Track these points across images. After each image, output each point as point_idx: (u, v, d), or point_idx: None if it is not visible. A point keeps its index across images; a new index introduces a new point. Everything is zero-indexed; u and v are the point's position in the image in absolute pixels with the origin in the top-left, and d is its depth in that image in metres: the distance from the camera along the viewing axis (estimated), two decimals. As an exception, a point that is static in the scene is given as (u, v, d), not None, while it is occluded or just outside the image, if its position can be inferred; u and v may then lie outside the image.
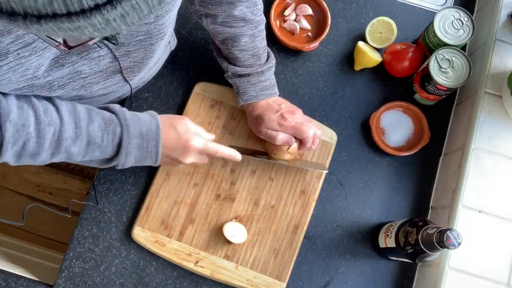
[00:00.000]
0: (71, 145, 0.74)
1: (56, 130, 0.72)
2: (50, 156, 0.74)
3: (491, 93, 0.96)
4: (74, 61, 0.70)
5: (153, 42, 0.78)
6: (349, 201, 1.01)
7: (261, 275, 0.94)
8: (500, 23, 0.99)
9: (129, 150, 0.80)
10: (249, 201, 0.98)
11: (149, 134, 0.81)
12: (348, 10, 1.12)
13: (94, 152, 0.78)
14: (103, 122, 0.78)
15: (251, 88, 0.94)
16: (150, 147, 0.82)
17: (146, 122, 0.82)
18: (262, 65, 0.94)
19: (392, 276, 0.99)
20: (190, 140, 0.85)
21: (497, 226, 0.90)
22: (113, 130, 0.78)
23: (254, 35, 0.92)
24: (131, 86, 0.91)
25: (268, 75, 0.95)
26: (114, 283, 0.95)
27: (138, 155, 0.82)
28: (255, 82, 0.94)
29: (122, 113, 0.80)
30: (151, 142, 0.81)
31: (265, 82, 0.94)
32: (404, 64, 1.04)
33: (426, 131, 1.02)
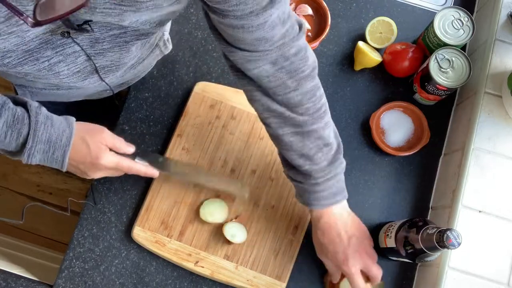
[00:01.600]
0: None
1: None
2: None
3: (491, 93, 0.96)
4: (50, 56, 0.69)
5: (128, 39, 0.76)
6: (349, 201, 1.00)
7: (261, 275, 0.94)
8: (500, 23, 0.99)
9: (32, 152, 0.76)
10: (249, 201, 0.98)
11: (58, 143, 0.77)
12: (348, 10, 1.12)
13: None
14: (12, 119, 0.73)
15: (306, 194, 0.84)
16: (56, 155, 0.78)
17: (58, 130, 0.77)
18: (317, 177, 0.82)
19: (392, 276, 0.99)
20: (99, 159, 0.80)
21: (497, 226, 0.90)
22: (19, 130, 0.74)
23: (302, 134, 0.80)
24: (108, 84, 0.89)
25: (327, 184, 0.82)
26: (114, 283, 0.95)
27: (43, 159, 0.78)
28: (310, 190, 0.83)
29: (35, 114, 0.75)
30: (57, 150, 0.77)
31: (323, 192, 0.82)
32: (404, 64, 1.04)
33: (426, 131, 1.02)
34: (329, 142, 0.83)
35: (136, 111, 1.04)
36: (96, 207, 0.98)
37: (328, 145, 0.83)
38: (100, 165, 0.81)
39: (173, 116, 1.03)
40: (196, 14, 1.10)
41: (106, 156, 0.81)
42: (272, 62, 0.75)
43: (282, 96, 0.78)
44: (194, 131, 1.00)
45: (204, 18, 0.77)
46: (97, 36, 0.72)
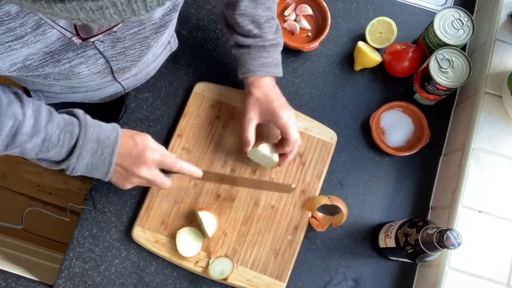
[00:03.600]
0: (26, 140, 0.74)
1: (15, 124, 0.72)
2: (4, 147, 0.73)
3: (491, 93, 0.96)
4: (71, 58, 0.70)
5: (147, 34, 0.77)
6: (349, 201, 1.01)
7: (261, 275, 0.94)
8: (500, 23, 0.99)
9: (82, 152, 0.78)
10: (249, 201, 0.98)
11: (106, 141, 0.80)
12: (348, 10, 1.12)
13: (49, 151, 0.77)
14: (63, 122, 0.77)
15: (250, 61, 0.91)
16: (105, 154, 0.80)
17: (106, 130, 0.80)
18: (265, 39, 0.91)
19: (392, 276, 0.99)
20: (146, 150, 0.83)
21: (497, 226, 0.90)
22: (71, 131, 0.77)
23: (256, 1, 0.89)
24: (123, 86, 0.91)
25: (271, 52, 0.92)
26: (114, 283, 0.95)
27: (91, 161, 0.80)
28: (256, 56, 0.91)
29: (83, 117, 0.79)
30: (106, 149, 0.80)
31: (266, 58, 0.92)
32: (404, 64, 1.04)
33: (426, 131, 1.02)
34: (275, 17, 0.93)
35: (136, 111, 1.04)
36: (96, 207, 0.98)
37: (274, 19, 0.93)
38: (146, 157, 0.83)
39: (173, 116, 1.03)
40: (196, 14, 1.10)
41: (152, 150, 0.83)
42: None
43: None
44: (194, 131, 1.00)
45: (205, 18, 0.77)
46: (118, 36, 0.73)
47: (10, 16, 0.58)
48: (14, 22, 0.59)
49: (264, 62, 0.92)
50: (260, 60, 0.91)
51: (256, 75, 0.91)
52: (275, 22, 0.93)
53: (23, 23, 0.60)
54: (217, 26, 1.00)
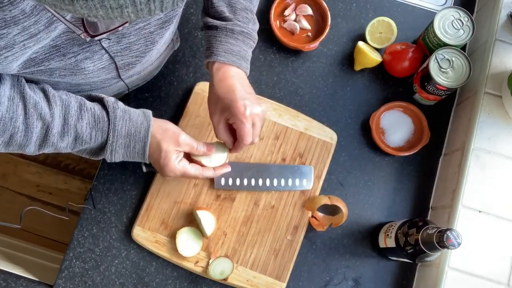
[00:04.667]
0: (58, 140, 0.75)
1: (44, 125, 0.73)
2: (37, 148, 0.75)
3: (491, 93, 0.96)
4: (76, 52, 0.70)
5: (152, 30, 0.77)
6: (349, 201, 1.01)
7: (261, 275, 0.94)
8: (500, 23, 0.99)
9: (114, 148, 0.80)
10: (249, 201, 0.98)
11: (137, 135, 0.80)
12: (348, 10, 1.12)
13: (82, 146, 0.79)
14: (93, 119, 0.78)
15: (215, 44, 0.83)
16: (137, 148, 0.81)
17: (136, 123, 0.81)
18: (234, 23, 0.84)
19: (392, 276, 0.99)
20: (166, 166, 0.83)
21: (497, 226, 0.90)
22: (101, 128, 0.79)
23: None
24: (127, 84, 0.91)
25: (240, 41, 0.84)
26: (114, 283, 0.95)
27: (125, 153, 0.81)
28: (222, 40, 0.83)
29: (113, 110, 0.80)
30: (138, 143, 0.81)
31: (233, 46, 0.83)
32: (404, 64, 1.04)
33: (426, 131, 1.02)
34: (253, 11, 0.88)
35: (136, 111, 1.04)
36: (96, 207, 0.98)
37: (252, 12, 0.87)
38: (166, 173, 0.84)
39: (173, 116, 1.03)
40: (196, 14, 1.10)
41: (171, 166, 0.83)
42: None
43: None
44: (194, 131, 1.00)
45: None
46: (124, 32, 0.74)
47: (25, 14, 0.58)
48: (29, 20, 0.59)
49: (230, 49, 0.83)
50: (226, 46, 0.83)
51: (219, 60, 0.82)
52: (253, 17, 0.88)
53: (37, 20, 0.60)
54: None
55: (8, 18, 0.57)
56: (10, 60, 0.63)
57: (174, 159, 0.83)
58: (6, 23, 0.58)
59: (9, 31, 0.59)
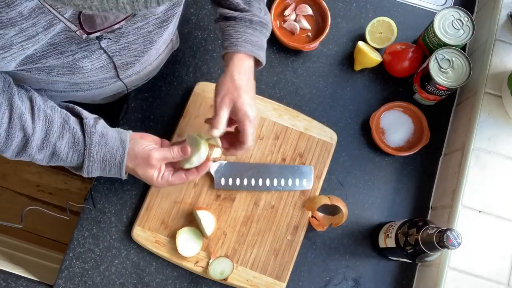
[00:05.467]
0: (36, 153, 0.78)
1: (25, 137, 0.75)
2: (15, 154, 0.78)
3: (491, 93, 0.95)
4: (74, 51, 0.70)
5: (150, 29, 0.77)
6: (349, 201, 1.01)
7: (261, 275, 0.94)
8: (500, 23, 0.99)
9: (90, 170, 0.82)
10: (249, 201, 0.98)
11: (112, 161, 0.82)
12: (348, 10, 1.12)
13: (58, 163, 0.82)
14: (73, 140, 0.80)
15: (234, 34, 0.84)
16: (113, 171, 0.83)
17: (112, 149, 0.82)
18: (252, 14, 0.85)
19: (392, 276, 0.99)
20: (152, 183, 0.85)
21: (497, 226, 0.90)
22: (79, 151, 0.81)
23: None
24: (125, 84, 0.91)
25: (258, 32, 0.86)
26: (114, 283, 0.95)
27: (102, 174, 0.84)
28: (241, 30, 0.85)
29: (89, 135, 0.81)
30: (113, 168, 0.83)
31: (252, 36, 0.85)
32: (404, 64, 1.04)
33: (426, 131, 1.02)
34: (265, 2, 0.90)
35: (136, 111, 1.04)
36: (96, 207, 0.98)
37: (264, 2, 0.89)
38: (154, 186, 0.87)
39: (173, 116, 1.03)
40: (196, 14, 1.10)
41: (155, 184, 0.85)
42: None
43: None
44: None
45: (205, 18, 0.77)
46: (122, 31, 0.74)
47: (23, 16, 0.58)
48: (27, 22, 0.59)
49: (250, 39, 0.85)
50: (246, 36, 0.84)
51: (240, 50, 0.83)
52: (264, 7, 0.89)
53: (35, 23, 0.60)
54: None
55: (5, 19, 0.57)
56: (8, 60, 0.64)
57: (156, 177, 0.84)
58: (3, 24, 0.58)
59: (6, 31, 0.59)
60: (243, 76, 0.84)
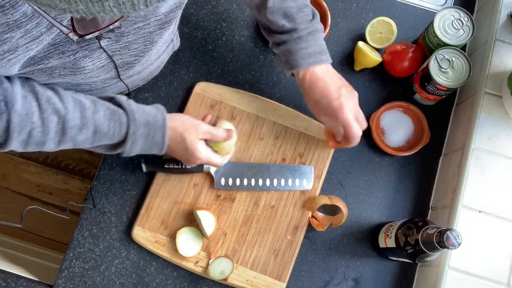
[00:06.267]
0: (77, 133, 0.76)
1: (60, 119, 0.74)
2: (57, 143, 0.75)
3: (491, 93, 0.96)
4: (75, 50, 0.70)
5: (151, 30, 0.77)
6: (349, 201, 1.01)
7: (261, 275, 0.94)
8: (500, 23, 0.99)
9: (135, 138, 0.81)
10: (249, 201, 0.98)
11: (155, 124, 0.83)
12: (348, 10, 1.12)
13: (101, 140, 0.80)
14: (109, 111, 0.79)
15: (290, 56, 0.87)
16: (157, 137, 0.83)
17: (152, 113, 0.83)
18: (299, 30, 0.87)
19: (392, 276, 0.99)
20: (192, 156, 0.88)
21: (497, 226, 0.90)
22: (119, 120, 0.80)
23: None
24: (126, 84, 0.91)
25: (311, 41, 0.87)
26: (114, 283, 0.95)
27: (144, 143, 0.83)
28: (295, 49, 0.87)
29: (127, 103, 0.82)
30: (157, 132, 0.83)
31: (307, 49, 0.87)
32: (404, 64, 1.04)
33: (426, 131, 1.02)
34: (308, 4, 0.89)
35: (136, 111, 1.03)
36: (96, 207, 0.98)
37: (307, 6, 0.89)
38: (191, 162, 0.89)
39: (173, 116, 1.03)
40: (196, 14, 1.10)
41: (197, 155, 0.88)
42: None
43: None
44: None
45: (205, 18, 0.77)
46: (122, 30, 0.74)
47: (27, 17, 0.58)
48: (31, 22, 0.59)
49: (306, 53, 0.87)
50: (301, 52, 0.87)
51: (301, 68, 0.87)
52: (309, 10, 0.89)
53: (38, 23, 0.60)
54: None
55: (11, 21, 0.57)
56: (13, 62, 0.63)
57: (200, 148, 0.87)
58: (9, 27, 0.58)
59: (12, 35, 0.59)
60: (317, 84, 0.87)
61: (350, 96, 0.89)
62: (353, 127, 0.88)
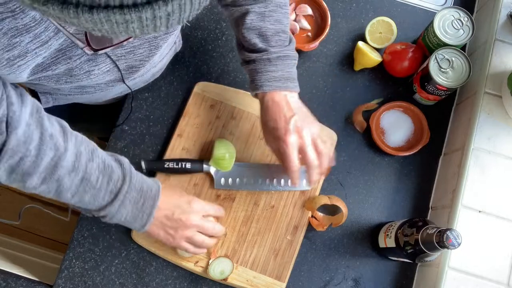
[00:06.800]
0: (65, 175, 0.72)
1: (55, 156, 0.70)
2: (41, 181, 0.71)
3: (491, 93, 0.96)
4: (80, 54, 0.70)
5: (156, 34, 0.77)
6: (349, 201, 1.01)
7: (261, 275, 0.94)
8: (500, 23, 0.99)
9: (124, 200, 0.77)
10: (249, 201, 0.98)
11: (149, 192, 0.80)
12: (348, 10, 1.12)
13: (85, 193, 0.75)
14: (103, 164, 0.76)
15: (257, 76, 0.85)
16: (146, 205, 0.80)
17: (148, 181, 0.81)
18: (269, 52, 0.85)
19: (392, 276, 0.99)
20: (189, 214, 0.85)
21: (497, 226, 0.90)
22: (110, 175, 0.76)
23: (263, 14, 0.84)
24: (129, 87, 0.91)
25: (280, 65, 0.85)
26: (114, 283, 0.95)
27: (131, 211, 0.79)
28: (262, 70, 0.85)
29: (128, 165, 0.80)
30: (148, 201, 0.80)
31: (274, 72, 0.84)
32: (404, 64, 1.04)
33: (426, 131, 1.02)
34: (286, 31, 0.87)
35: (136, 111, 1.04)
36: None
37: (285, 32, 0.87)
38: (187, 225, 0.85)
39: (173, 116, 1.03)
40: (196, 14, 1.10)
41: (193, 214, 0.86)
42: None
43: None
44: (194, 131, 1.00)
45: (204, 18, 0.77)
46: None
47: (36, 21, 0.58)
48: (40, 27, 0.59)
49: (272, 77, 0.84)
50: (267, 75, 0.85)
51: (265, 90, 0.84)
52: (287, 36, 0.88)
53: (47, 27, 0.60)
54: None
55: (20, 26, 0.57)
56: (23, 68, 0.63)
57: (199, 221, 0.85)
58: (19, 31, 0.58)
59: (21, 39, 0.59)
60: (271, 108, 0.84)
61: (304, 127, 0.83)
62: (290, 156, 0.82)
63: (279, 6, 0.85)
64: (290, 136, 0.81)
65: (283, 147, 0.82)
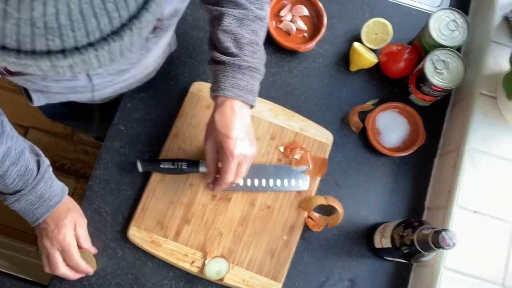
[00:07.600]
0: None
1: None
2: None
3: (486, 94, 0.96)
4: None
5: (148, 37, 0.77)
6: (345, 201, 1.01)
7: (257, 276, 0.94)
8: (495, 24, 0.99)
9: (20, 199, 0.85)
10: (245, 202, 0.98)
11: (46, 202, 0.87)
12: (344, 11, 1.12)
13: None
14: (24, 170, 0.84)
15: (222, 78, 0.84)
16: (38, 211, 0.87)
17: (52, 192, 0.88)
18: (241, 59, 0.84)
19: (388, 276, 0.99)
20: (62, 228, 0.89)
21: (492, 226, 0.91)
22: (26, 181, 0.84)
23: (241, 20, 0.84)
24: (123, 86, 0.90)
25: (247, 76, 0.84)
26: (110, 283, 0.95)
27: (24, 208, 0.86)
28: (230, 75, 0.83)
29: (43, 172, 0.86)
30: (41, 208, 0.87)
31: (240, 80, 0.84)
32: (399, 65, 1.04)
33: (421, 132, 1.03)
34: (260, 44, 0.87)
35: (132, 111, 1.03)
36: (91, 207, 0.98)
37: (259, 45, 0.87)
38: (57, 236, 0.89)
39: (169, 116, 1.03)
40: (192, 14, 1.10)
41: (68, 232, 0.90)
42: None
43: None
44: (191, 131, 1.00)
45: (201, 18, 0.76)
46: None
47: None
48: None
49: (237, 84, 0.83)
50: (233, 81, 0.83)
51: (227, 95, 0.83)
52: (259, 49, 0.87)
53: None
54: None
55: None
56: None
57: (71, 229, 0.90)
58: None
59: None
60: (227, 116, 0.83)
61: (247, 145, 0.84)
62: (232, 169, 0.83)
63: (258, 18, 0.85)
64: (238, 150, 0.82)
65: (228, 158, 0.83)
